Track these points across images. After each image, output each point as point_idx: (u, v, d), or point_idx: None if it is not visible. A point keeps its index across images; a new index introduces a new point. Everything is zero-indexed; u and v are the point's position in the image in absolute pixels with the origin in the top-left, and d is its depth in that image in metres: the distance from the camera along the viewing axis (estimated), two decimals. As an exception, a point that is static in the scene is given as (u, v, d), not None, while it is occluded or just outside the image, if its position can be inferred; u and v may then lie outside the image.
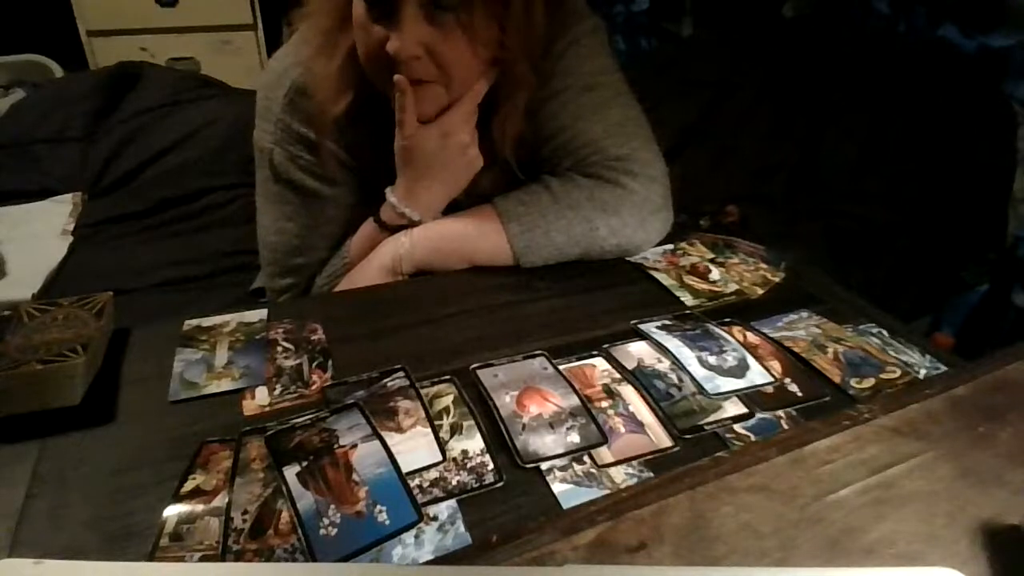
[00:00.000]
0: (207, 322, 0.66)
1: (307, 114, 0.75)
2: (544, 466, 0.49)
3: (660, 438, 0.52)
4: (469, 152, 0.75)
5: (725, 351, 0.61)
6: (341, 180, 0.80)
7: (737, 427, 0.54)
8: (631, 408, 0.55)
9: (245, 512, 0.45)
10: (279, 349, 0.62)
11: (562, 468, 0.49)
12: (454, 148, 0.74)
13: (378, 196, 0.78)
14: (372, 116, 0.75)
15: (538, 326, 0.66)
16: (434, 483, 0.48)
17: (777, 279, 0.75)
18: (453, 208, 0.78)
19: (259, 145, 0.79)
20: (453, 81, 0.70)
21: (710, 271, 0.77)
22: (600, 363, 0.61)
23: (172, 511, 0.45)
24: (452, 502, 0.46)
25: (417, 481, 0.47)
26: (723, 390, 0.56)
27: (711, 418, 0.54)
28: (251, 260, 0.92)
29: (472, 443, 0.51)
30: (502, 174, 0.80)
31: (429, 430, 0.51)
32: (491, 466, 0.49)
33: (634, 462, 0.50)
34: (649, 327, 0.65)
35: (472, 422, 0.53)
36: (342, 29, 0.70)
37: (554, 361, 0.60)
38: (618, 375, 0.59)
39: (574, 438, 0.51)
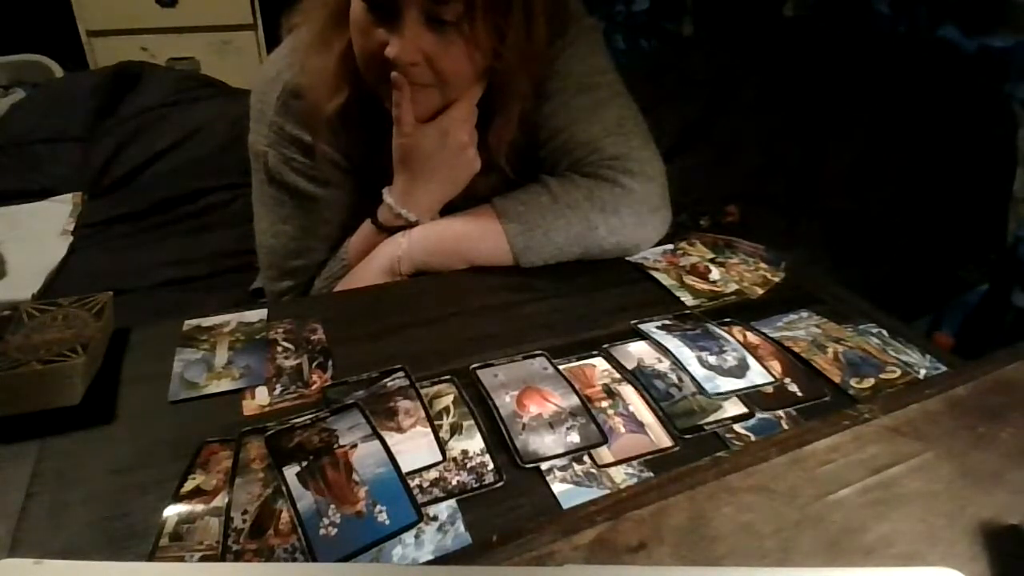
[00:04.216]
0: (207, 322, 0.66)
1: (301, 116, 0.75)
2: (544, 466, 0.49)
3: (660, 438, 0.52)
4: (468, 152, 0.75)
5: (725, 351, 0.61)
6: (336, 182, 0.79)
7: (737, 427, 0.54)
8: (631, 408, 0.55)
9: (245, 512, 0.45)
10: (279, 349, 0.62)
11: (562, 468, 0.49)
12: (452, 147, 0.73)
13: (375, 197, 0.78)
14: (366, 117, 0.75)
15: (538, 326, 0.66)
16: (434, 483, 0.48)
17: (777, 279, 0.75)
18: (449, 211, 0.78)
19: (254, 148, 0.79)
20: (448, 87, 0.70)
21: (710, 271, 0.77)
22: (600, 363, 0.61)
23: (172, 511, 0.45)
24: (452, 502, 0.46)
25: (417, 481, 0.47)
26: (723, 390, 0.56)
27: (711, 418, 0.54)
28: (251, 260, 0.92)
29: (472, 443, 0.51)
30: (499, 178, 0.80)
31: (429, 430, 0.51)
32: (491, 466, 0.49)
33: (634, 462, 0.50)
34: (649, 327, 0.65)
35: (472, 422, 0.53)
36: (337, 28, 0.70)
37: (554, 361, 0.60)
38: (618, 375, 0.59)
39: (574, 438, 0.51)
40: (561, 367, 0.59)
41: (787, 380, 0.58)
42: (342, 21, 0.70)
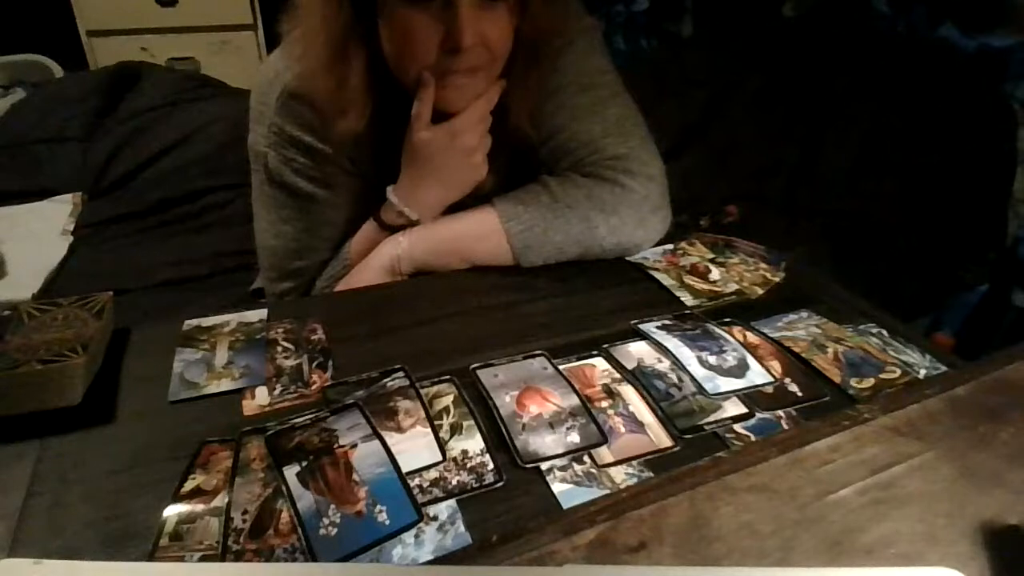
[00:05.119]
0: (207, 322, 0.66)
1: (301, 117, 0.75)
2: (544, 466, 0.49)
3: (660, 438, 0.52)
4: (475, 156, 0.75)
5: (725, 351, 0.61)
6: (337, 182, 0.79)
7: (737, 427, 0.54)
8: (631, 408, 0.55)
9: (245, 512, 0.45)
10: (279, 349, 0.62)
11: (562, 468, 0.49)
12: (460, 150, 0.73)
13: (377, 197, 0.78)
14: (371, 119, 0.75)
15: (538, 326, 0.66)
16: (434, 483, 0.48)
17: (777, 279, 0.75)
18: (453, 209, 0.78)
19: (254, 149, 0.79)
20: (496, 62, 0.71)
21: (710, 271, 0.77)
22: (600, 363, 0.61)
23: (172, 511, 0.45)
24: (452, 502, 0.46)
25: (417, 481, 0.48)
26: (723, 390, 0.56)
27: (711, 418, 0.54)
28: (251, 260, 0.92)
29: (472, 443, 0.51)
30: (502, 176, 0.80)
31: (429, 430, 0.51)
32: (491, 466, 0.49)
33: (634, 462, 0.50)
34: (649, 327, 0.65)
35: (472, 422, 0.53)
36: (352, 44, 0.69)
37: (554, 361, 0.60)
38: (618, 375, 0.59)
39: (574, 438, 0.51)
40: (561, 367, 0.59)
41: (787, 380, 0.58)
42: (353, 37, 0.68)
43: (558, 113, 0.77)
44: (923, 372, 0.60)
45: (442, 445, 0.50)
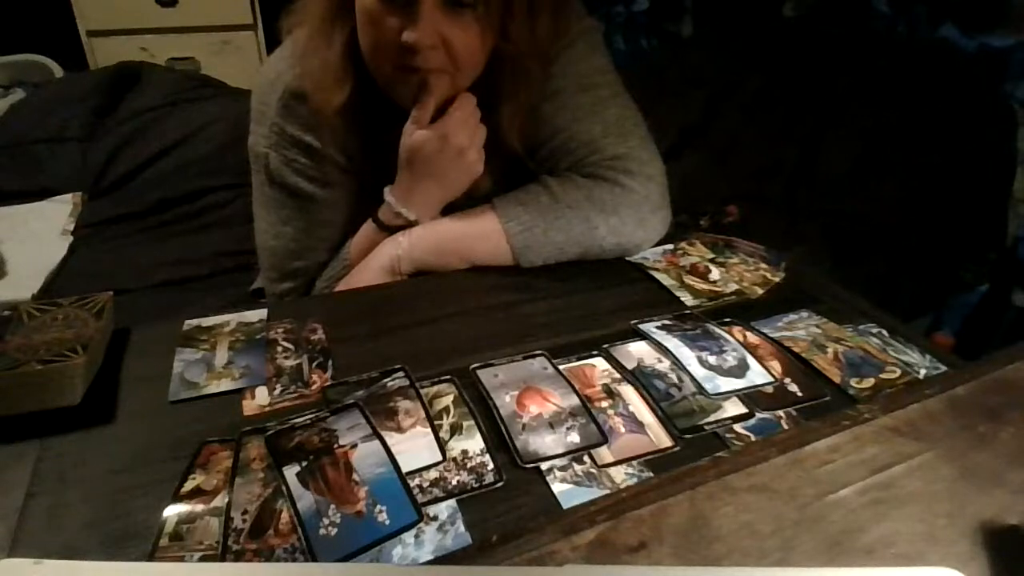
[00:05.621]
0: (207, 322, 0.66)
1: (302, 118, 0.75)
2: (544, 466, 0.49)
3: (660, 438, 0.52)
4: (468, 156, 0.75)
5: (725, 351, 0.61)
6: (337, 182, 0.79)
7: (737, 427, 0.54)
8: (631, 408, 0.55)
9: (245, 512, 0.45)
10: (279, 349, 0.62)
11: (562, 468, 0.49)
12: (451, 151, 0.73)
13: (376, 197, 0.78)
14: (368, 117, 0.75)
15: (538, 326, 0.66)
16: (434, 483, 0.48)
17: (777, 279, 0.75)
18: (451, 209, 0.78)
19: (255, 150, 0.79)
20: (461, 70, 0.70)
21: (710, 271, 0.77)
22: (600, 363, 0.61)
23: (172, 511, 0.45)
24: (452, 502, 0.46)
25: (417, 481, 0.48)
26: (723, 390, 0.56)
27: (711, 418, 0.54)
28: (251, 260, 0.92)
29: (472, 443, 0.51)
30: (501, 176, 0.80)
31: (429, 430, 0.51)
32: (491, 466, 0.49)
33: (634, 462, 0.50)
34: (649, 327, 0.65)
35: (472, 422, 0.53)
36: (336, 22, 0.71)
37: (554, 361, 0.60)
38: (618, 375, 0.59)
39: (574, 438, 0.51)
40: (561, 367, 0.59)
41: (787, 380, 0.58)
42: (341, 15, 0.70)
43: (558, 114, 0.77)
44: (923, 372, 0.60)
45: (442, 445, 0.50)
